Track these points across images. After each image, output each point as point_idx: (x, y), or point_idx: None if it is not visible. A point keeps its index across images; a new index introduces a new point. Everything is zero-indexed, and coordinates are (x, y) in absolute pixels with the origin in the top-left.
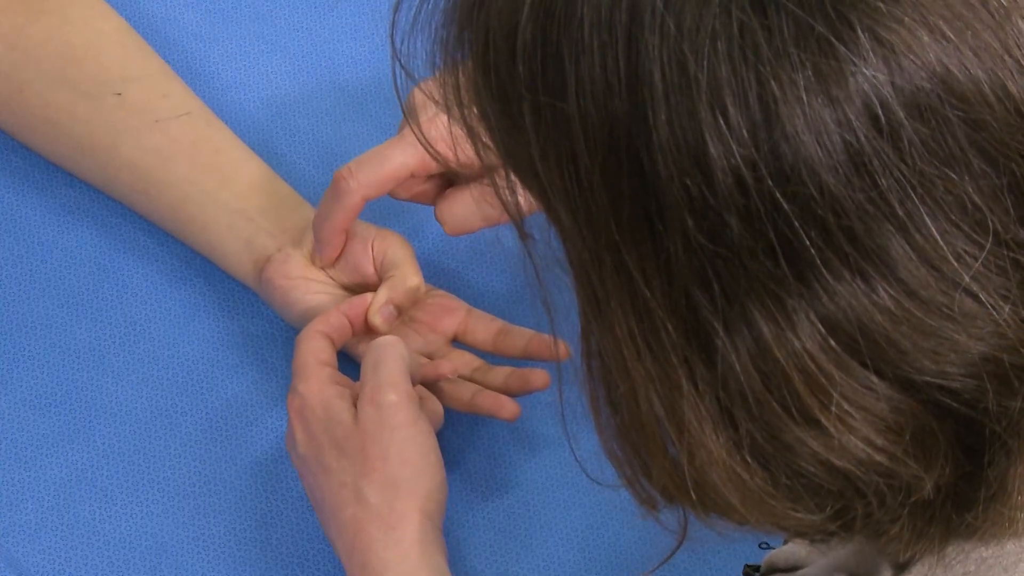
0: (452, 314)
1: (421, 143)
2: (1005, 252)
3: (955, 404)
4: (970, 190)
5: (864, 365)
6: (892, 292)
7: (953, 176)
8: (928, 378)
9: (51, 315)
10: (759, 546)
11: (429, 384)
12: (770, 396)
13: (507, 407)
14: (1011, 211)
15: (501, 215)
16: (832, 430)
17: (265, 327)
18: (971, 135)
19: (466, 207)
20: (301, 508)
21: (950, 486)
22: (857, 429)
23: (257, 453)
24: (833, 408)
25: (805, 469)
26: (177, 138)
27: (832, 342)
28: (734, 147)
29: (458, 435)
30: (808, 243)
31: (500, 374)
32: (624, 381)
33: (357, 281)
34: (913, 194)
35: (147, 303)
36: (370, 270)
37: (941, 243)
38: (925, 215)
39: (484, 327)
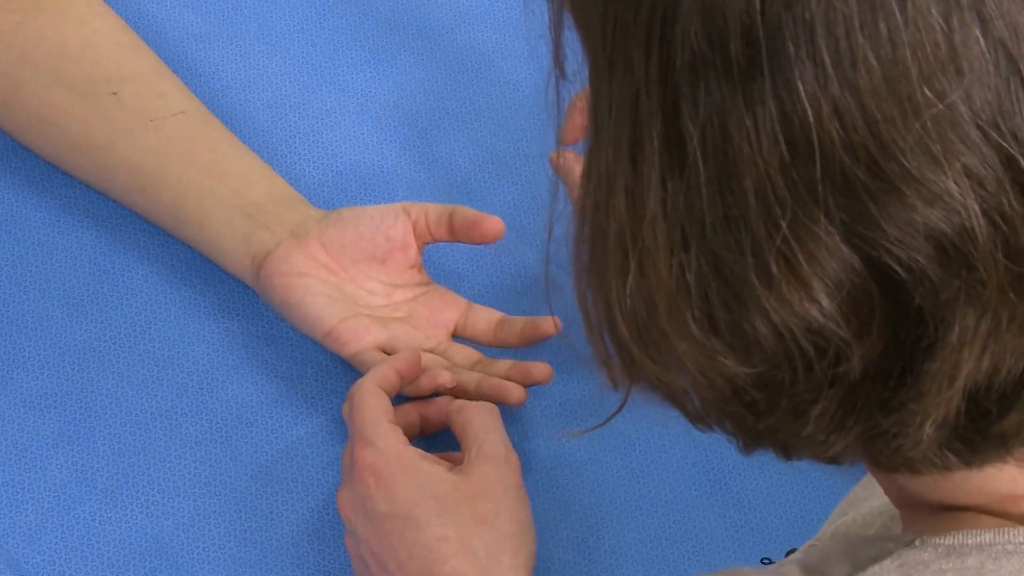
0: (452, 308)
1: None
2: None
3: (900, 278)
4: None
5: (816, 203)
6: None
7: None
8: (878, 236)
9: (51, 315)
10: (760, 562)
11: (427, 394)
12: (727, 227)
13: (514, 392)
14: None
15: None
16: (774, 268)
17: (266, 328)
18: None
19: None
20: (301, 509)
21: (873, 372)
22: (798, 272)
23: (257, 454)
24: (778, 241)
25: (742, 312)
26: (173, 137)
27: (793, 167)
28: None
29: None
30: (793, 52)
31: (501, 366)
32: (602, 191)
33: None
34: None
35: (147, 303)
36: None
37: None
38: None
39: (485, 319)
